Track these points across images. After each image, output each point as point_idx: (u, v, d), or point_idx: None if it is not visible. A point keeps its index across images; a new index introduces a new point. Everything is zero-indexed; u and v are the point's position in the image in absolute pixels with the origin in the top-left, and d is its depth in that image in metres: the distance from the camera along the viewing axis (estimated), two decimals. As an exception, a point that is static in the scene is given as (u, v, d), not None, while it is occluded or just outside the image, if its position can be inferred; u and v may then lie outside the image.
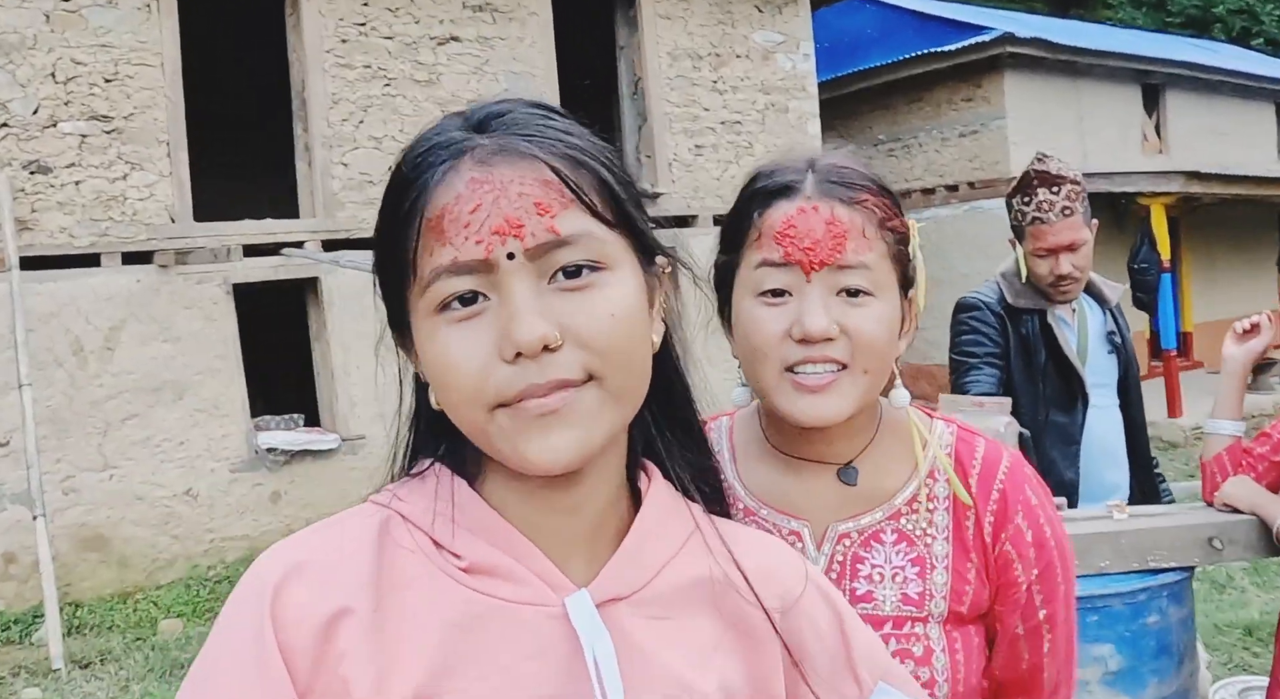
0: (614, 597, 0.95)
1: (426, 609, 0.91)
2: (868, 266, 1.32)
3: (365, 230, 9.14)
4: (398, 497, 0.99)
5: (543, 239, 0.89)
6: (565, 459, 0.90)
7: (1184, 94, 17.26)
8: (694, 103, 11.30)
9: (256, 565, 0.93)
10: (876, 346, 1.33)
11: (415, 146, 0.94)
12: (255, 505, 8.84)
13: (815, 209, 1.33)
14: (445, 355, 0.90)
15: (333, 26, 9.21)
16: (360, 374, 9.30)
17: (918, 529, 1.41)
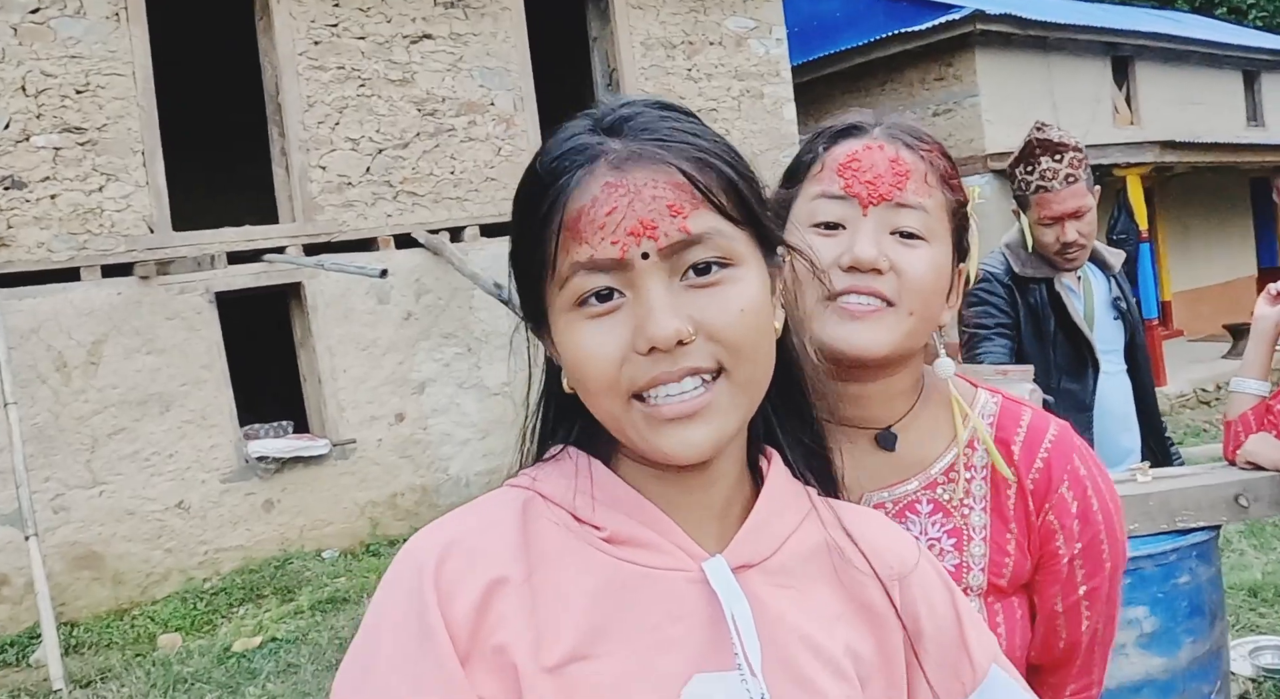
0: (745, 563, 1.01)
1: (574, 577, 0.97)
2: (925, 210, 1.31)
3: (346, 233, 9.16)
4: (535, 478, 1.04)
5: (675, 239, 0.94)
6: (698, 452, 0.96)
7: (1153, 65, 17.33)
8: (669, 91, 11.24)
9: (410, 547, 0.98)
10: (924, 290, 1.31)
11: (550, 149, 0.99)
12: (248, 515, 8.76)
13: (880, 147, 1.32)
14: (583, 347, 0.95)
15: (304, 28, 9.12)
16: (347, 378, 9.24)
17: (954, 499, 1.38)
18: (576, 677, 0.93)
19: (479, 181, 10.02)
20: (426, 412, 9.66)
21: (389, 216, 9.54)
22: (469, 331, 9.87)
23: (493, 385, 9.97)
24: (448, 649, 0.92)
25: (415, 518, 9.50)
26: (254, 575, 8.42)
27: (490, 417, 9.96)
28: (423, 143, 9.72)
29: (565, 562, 0.98)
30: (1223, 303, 17.16)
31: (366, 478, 9.32)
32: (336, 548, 9.05)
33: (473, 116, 9.99)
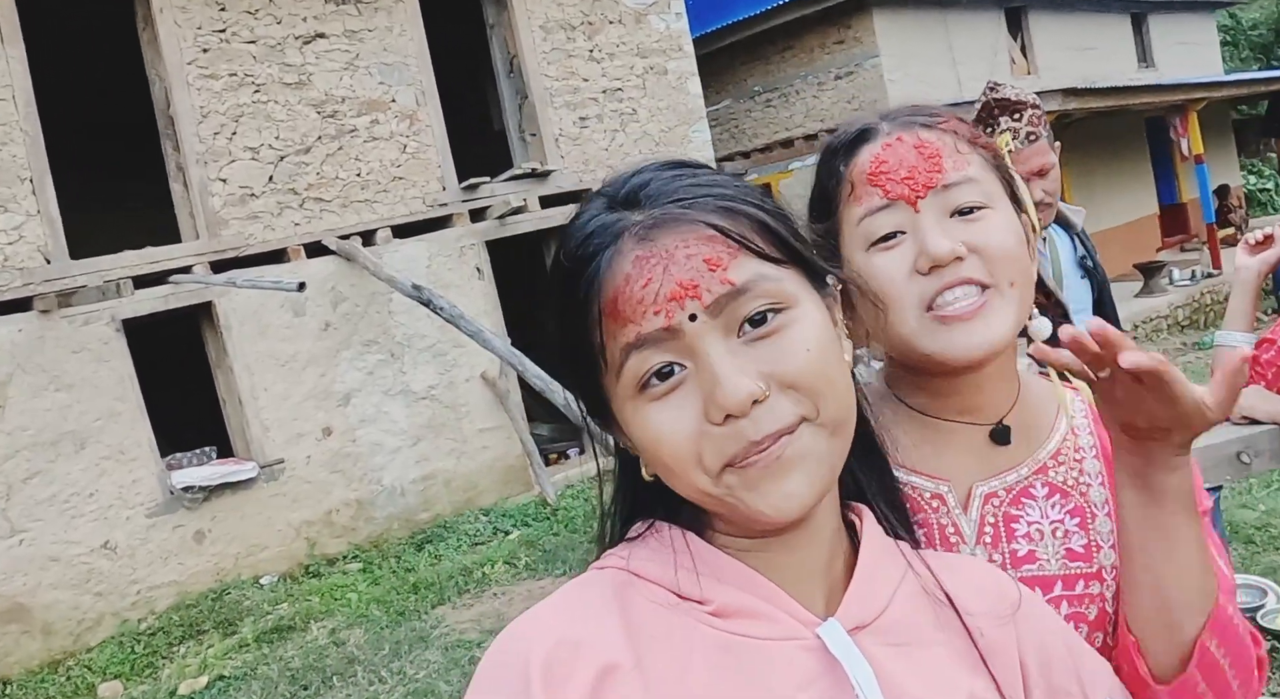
0: (859, 624, 0.96)
1: (685, 656, 0.91)
2: (973, 179, 1.23)
3: (254, 246, 8.81)
4: (621, 557, 0.99)
5: (720, 292, 0.89)
6: (802, 504, 0.91)
7: (1044, 14, 17.53)
8: (573, 74, 11.03)
9: (508, 645, 0.91)
10: (1012, 256, 1.22)
11: (571, 237, 0.95)
12: (179, 548, 8.41)
13: (900, 139, 1.24)
14: (655, 432, 0.91)
15: (191, 36, 8.69)
16: (269, 396, 8.91)
17: (1069, 480, 1.31)
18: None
19: (387, 181, 9.71)
20: (354, 423, 9.37)
21: (297, 225, 9.19)
22: (390, 337, 9.59)
23: (419, 390, 9.72)
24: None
25: (353, 533, 9.23)
26: (191, 611, 8.09)
27: (420, 422, 9.70)
28: (325, 146, 9.37)
29: (674, 641, 0.92)
30: (1130, 242, 17.41)
31: (299, 497, 9.01)
32: (275, 573, 8.74)
33: (374, 115, 9.66)
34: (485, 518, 9.48)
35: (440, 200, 10.01)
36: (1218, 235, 16.39)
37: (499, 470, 10.14)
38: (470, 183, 10.13)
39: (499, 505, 9.81)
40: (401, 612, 7.42)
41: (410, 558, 8.75)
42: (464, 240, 10.08)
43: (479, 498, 9.95)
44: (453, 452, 9.90)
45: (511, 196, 10.19)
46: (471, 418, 10.02)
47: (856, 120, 1.31)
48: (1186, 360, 11.96)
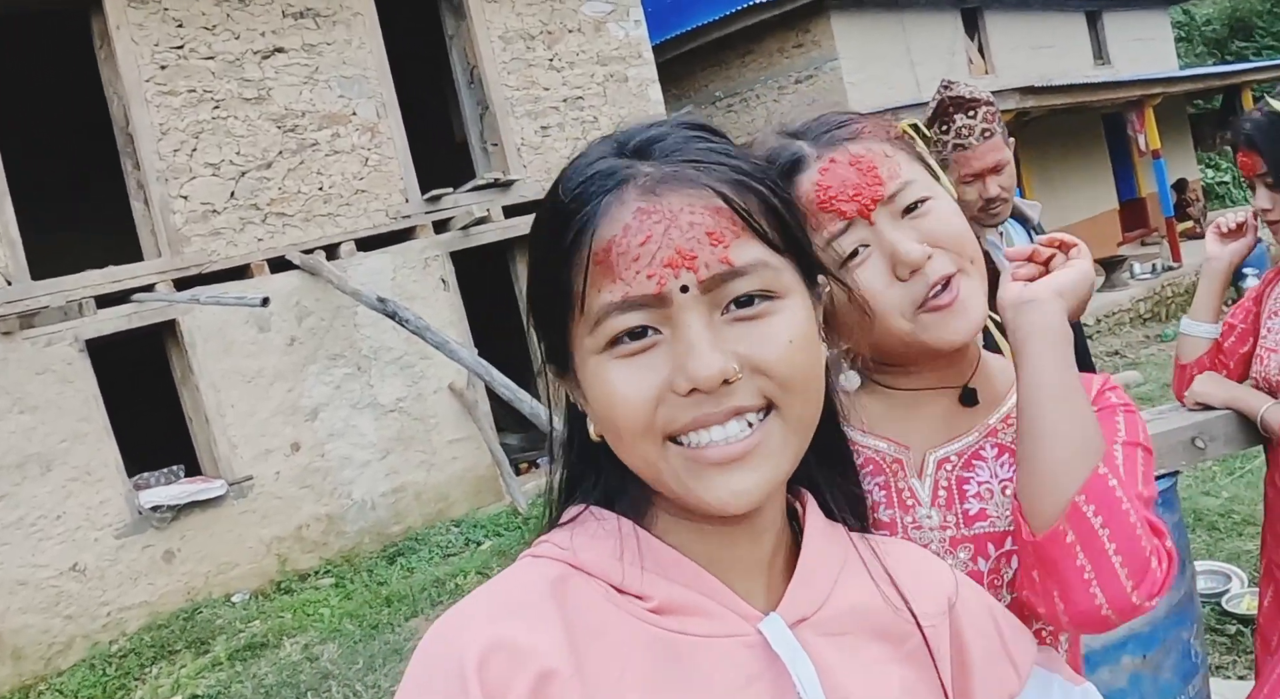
0: (800, 618, 0.95)
1: (625, 656, 0.88)
2: (911, 179, 1.29)
3: (217, 263, 8.77)
4: (561, 547, 0.95)
5: (716, 271, 0.86)
6: (748, 501, 0.88)
7: (1001, 14, 17.69)
8: (533, 84, 11.04)
9: (440, 646, 0.87)
10: (964, 240, 1.29)
11: (571, 175, 0.90)
12: (149, 569, 8.36)
13: (834, 161, 1.28)
14: (614, 390, 0.87)
15: (149, 53, 8.65)
16: (236, 413, 8.87)
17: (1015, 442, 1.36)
18: None
19: (349, 195, 9.69)
20: (322, 438, 9.34)
21: (260, 241, 9.16)
22: (357, 350, 9.56)
23: (387, 403, 9.70)
24: None
25: (324, 548, 9.20)
26: (163, 631, 8.04)
27: (388, 435, 9.68)
28: (286, 161, 9.34)
29: (613, 642, 0.89)
30: (1090, 237, 17.46)
31: (268, 514, 8.97)
32: (246, 590, 8.70)
33: (335, 128, 9.64)
34: (457, 529, 9.46)
35: (403, 212, 10.00)
36: (1177, 229, 16.59)
37: (469, 481, 10.13)
38: (433, 194, 10.13)
39: (470, 516, 9.80)
40: (375, 625, 7.40)
41: (382, 571, 8.73)
42: (428, 252, 10.07)
43: (450, 509, 9.93)
44: (422, 464, 9.88)
45: (475, 207, 10.19)
46: (440, 429, 10.01)
47: (781, 149, 1.33)
48: (1149, 353, 12.09)
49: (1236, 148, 2.65)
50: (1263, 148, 2.55)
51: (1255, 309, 2.78)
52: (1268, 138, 2.54)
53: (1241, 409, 2.62)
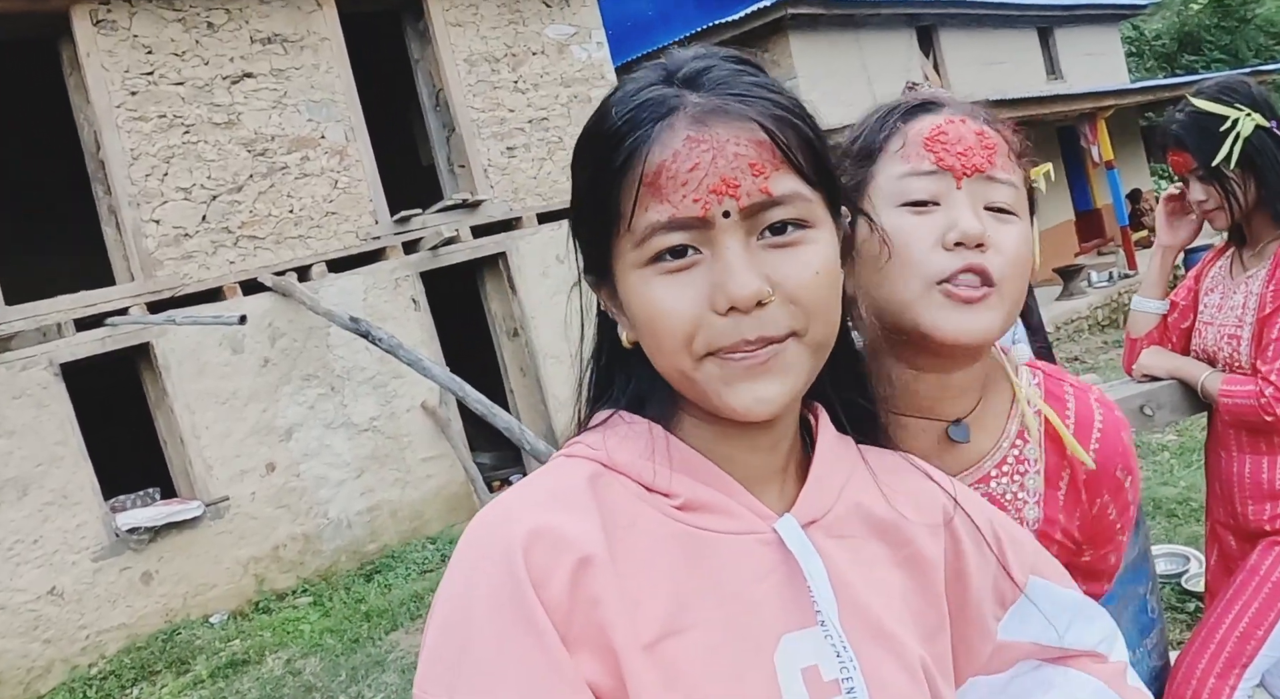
0: (811, 519, 1.02)
1: (652, 548, 0.96)
2: (1014, 185, 1.28)
3: (190, 286, 8.85)
4: (592, 446, 1.02)
5: (756, 199, 0.92)
6: (771, 409, 0.95)
7: (954, 31, 17.96)
8: (499, 106, 11.17)
9: (487, 532, 0.94)
10: (1020, 267, 1.26)
11: (623, 100, 0.96)
12: (127, 591, 8.38)
13: (964, 121, 1.28)
14: (657, 304, 0.93)
15: (119, 80, 8.74)
16: (211, 434, 8.91)
17: (1008, 493, 1.38)
18: (672, 652, 0.92)
19: (319, 217, 9.78)
20: (297, 458, 9.39)
21: (232, 263, 9.23)
22: (330, 370, 9.63)
23: (361, 422, 9.76)
24: (554, 636, 0.89)
25: (301, 567, 9.24)
26: (142, 653, 8.06)
27: (363, 454, 9.74)
28: (257, 184, 9.43)
29: (643, 534, 0.96)
30: (1048, 248, 17.84)
31: (245, 534, 9.01)
32: (224, 611, 8.73)
33: (305, 152, 9.74)
34: (432, 546, 9.53)
35: (373, 234, 10.09)
36: (1132, 238, 16.90)
37: (444, 499, 10.20)
38: (402, 215, 10.23)
39: (445, 533, 9.86)
40: (356, 639, 7.46)
41: (360, 588, 8.78)
42: (398, 272, 10.17)
43: (425, 527, 9.99)
44: (397, 482, 9.95)
45: (444, 227, 10.30)
46: (414, 448, 10.08)
47: (920, 96, 1.36)
48: (1108, 358, 12.33)
49: (1166, 150, 2.82)
50: (1190, 144, 2.72)
51: (1195, 287, 2.98)
52: (1193, 135, 2.72)
53: (1184, 378, 2.81)
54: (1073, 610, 1.23)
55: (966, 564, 1.12)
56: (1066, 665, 1.23)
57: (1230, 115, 2.66)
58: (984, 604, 1.14)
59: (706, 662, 0.93)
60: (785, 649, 0.97)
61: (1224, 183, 2.70)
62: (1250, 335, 2.71)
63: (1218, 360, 2.82)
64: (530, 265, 10.98)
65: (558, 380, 11.02)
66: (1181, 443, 7.32)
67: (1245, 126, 2.64)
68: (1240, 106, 2.67)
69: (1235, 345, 2.76)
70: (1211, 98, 2.71)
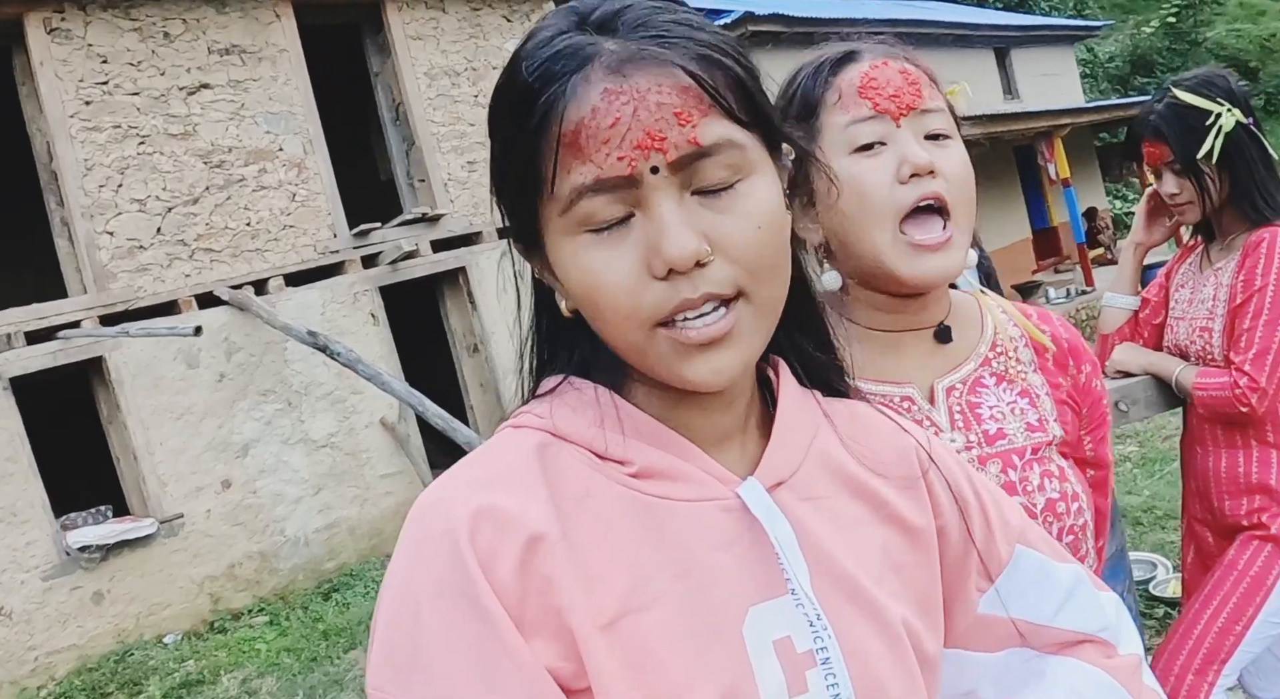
0: (777, 481, 0.96)
1: (608, 520, 0.90)
2: (943, 110, 1.40)
3: (144, 299, 8.70)
4: (539, 415, 0.96)
5: (685, 151, 0.85)
6: (726, 379, 0.90)
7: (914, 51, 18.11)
8: (459, 120, 11.12)
9: (429, 513, 0.88)
10: (968, 187, 1.39)
11: (534, 53, 0.88)
12: (77, 611, 8.19)
13: (886, 63, 1.39)
14: (593, 274, 0.87)
15: (73, 89, 8.60)
16: (165, 450, 8.76)
17: (1009, 369, 1.50)
18: (632, 631, 0.87)
19: (277, 230, 9.66)
20: (253, 474, 9.25)
21: (187, 276, 9.09)
22: (287, 385, 9.50)
23: (319, 438, 9.63)
24: (506, 621, 0.83)
25: (257, 586, 9.08)
26: (94, 674, 7.88)
27: (321, 470, 9.61)
28: (213, 196, 9.31)
29: (596, 506, 0.90)
30: (1006, 266, 17.95)
31: (200, 552, 8.85)
32: (178, 631, 8.56)
33: (262, 164, 9.63)
34: (392, 563, 9.39)
35: (332, 247, 9.99)
36: (1089, 255, 17.06)
37: (403, 516, 9.72)
38: (361, 229, 10.14)
39: (405, 550, 9.71)
40: (314, 658, 7.33)
41: (318, 607, 8.64)
42: (357, 287, 10.07)
43: (384, 544, 9.86)
44: (356, 499, 9.82)
45: (403, 242, 10.22)
46: (373, 464, 9.96)
47: (840, 43, 1.46)
48: (1067, 374, 12.41)
49: (1141, 140, 2.82)
50: (1168, 135, 2.72)
51: (1165, 284, 2.99)
52: (1172, 126, 2.72)
53: (1158, 373, 2.81)
54: (1069, 587, 1.14)
55: (946, 524, 1.06)
56: (1066, 655, 1.13)
57: (1212, 110, 2.66)
58: (963, 569, 1.08)
59: (670, 639, 0.88)
60: (754, 621, 0.91)
61: (1199, 177, 2.70)
62: (1222, 328, 2.73)
63: (1190, 354, 2.83)
64: (490, 280, 10.91)
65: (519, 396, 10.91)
66: (1143, 453, 7.36)
67: (1227, 122, 2.64)
68: (1220, 101, 2.67)
69: (1207, 338, 2.77)
70: (1191, 91, 2.70)
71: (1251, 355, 2.62)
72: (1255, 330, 2.63)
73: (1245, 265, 2.66)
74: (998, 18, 22.45)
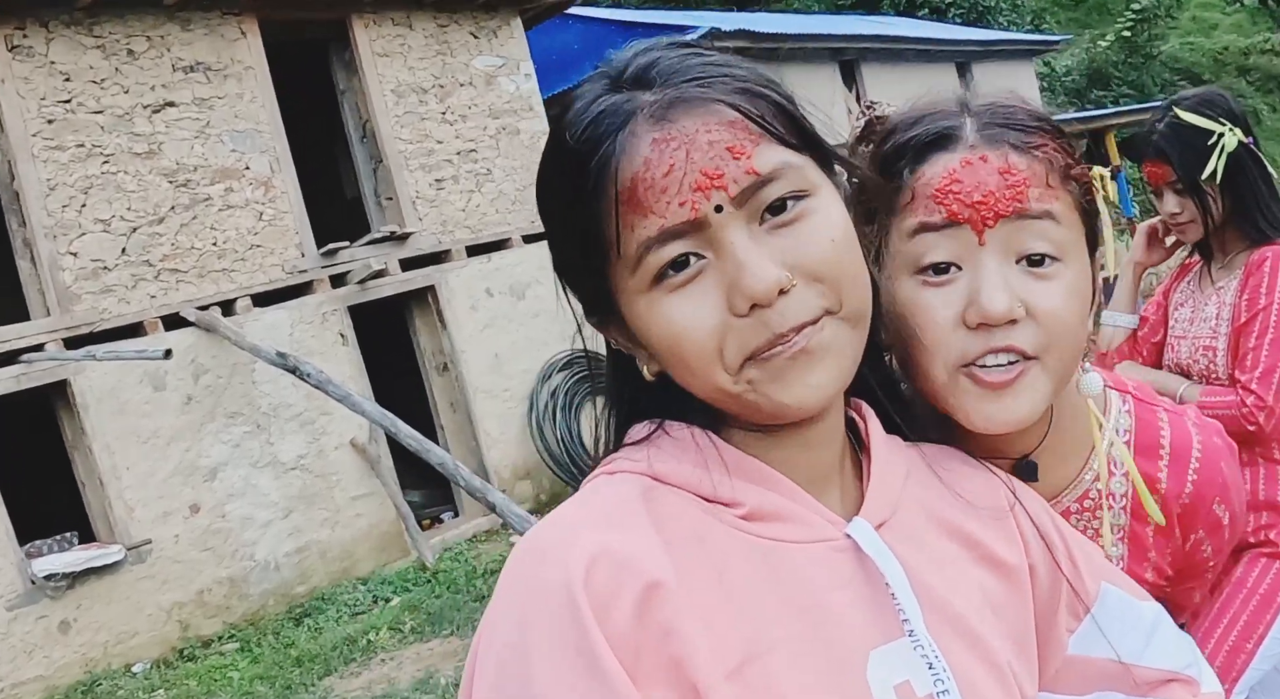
0: (881, 521, 0.94)
1: (722, 564, 0.87)
2: (1054, 218, 1.06)
3: (109, 321, 8.56)
4: (635, 460, 0.92)
5: (745, 183, 0.84)
6: (825, 395, 0.87)
7: (876, 65, 18.32)
8: (427, 137, 11.03)
9: (541, 557, 0.84)
10: (1069, 330, 1.07)
11: (575, 120, 0.87)
12: (44, 641, 8.01)
13: (984, 159, 1.07)
14: (675, 325, 0.85)
15: (35, 108, 8.44)
16: (132, 475, 8.59)
17: (1089, 530, 1.26)
18: (758, 677, 0.84)
19: (244, 250, 9.53)
20: (222, 498, 9.09)
21: (153, 297, 8.94)
22: (255, 407, 9.36)
23: (289, 460, 9.49)
24: (622, 677, 0.78)
25: (227, 612, 8.93)
26: (60, 705, 7.70)
27: (291, 493, 9.47)
28: (179, 216, 9.16)
29: (708, 550, 0.87)
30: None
31: (168, 579, 8.68)
32: (147, 659, 8.39)
33: (228, 183, 9.50)
34: (364, 586, 9.27)
35: (300, 267, 9.87)
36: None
37: (374, 538, 9.95)
38: (329, 248, 10.02)
39: (377, 573, 9.60)
40: (288, 685, 7.20)
41: (290, 632, 8.50)
42: (326, 306, 9.95)
43: (355, 567, 9.73)
44: (326, 522, 9.68)
45: (372, 260, 10.11)
46: (343, 486, 9.83)
47: (935, 115, 1.13)
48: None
49: (1144, 159, 2.82)
50: (1171, 155, 2.73)
51: (1164, 303, 3.01)
52: (1174, 146, 2.73)
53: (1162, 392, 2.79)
54: (1152, 624, 1.13)
55: (1035, 562, 1.05)
56: (1157, 696, 1.12)
57: (1214, 129, 2.66)
58: (1054, 610, 1.06)
59: (798, 683, 0.85)
60: (876, 665, 0.88)
61: (1201, 197, 2.70)
62: (1226, 346, 2.72)
63: (1192, 373, 2.82)
64: (460, 299, 10.82)
65: (489, 416, 10.85)
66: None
67: (1229, 142, 2.64)
68: (1222, 121, 2.67)
69: (1211, 357, 2.77)
70: (1192, 110, 2.71)
71: (1258, 374, 2.62)
72: (1261, 349, 2.63)
73: (1249, 284, 2.67)
74: (959, 33, 22.67)
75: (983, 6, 27.69)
